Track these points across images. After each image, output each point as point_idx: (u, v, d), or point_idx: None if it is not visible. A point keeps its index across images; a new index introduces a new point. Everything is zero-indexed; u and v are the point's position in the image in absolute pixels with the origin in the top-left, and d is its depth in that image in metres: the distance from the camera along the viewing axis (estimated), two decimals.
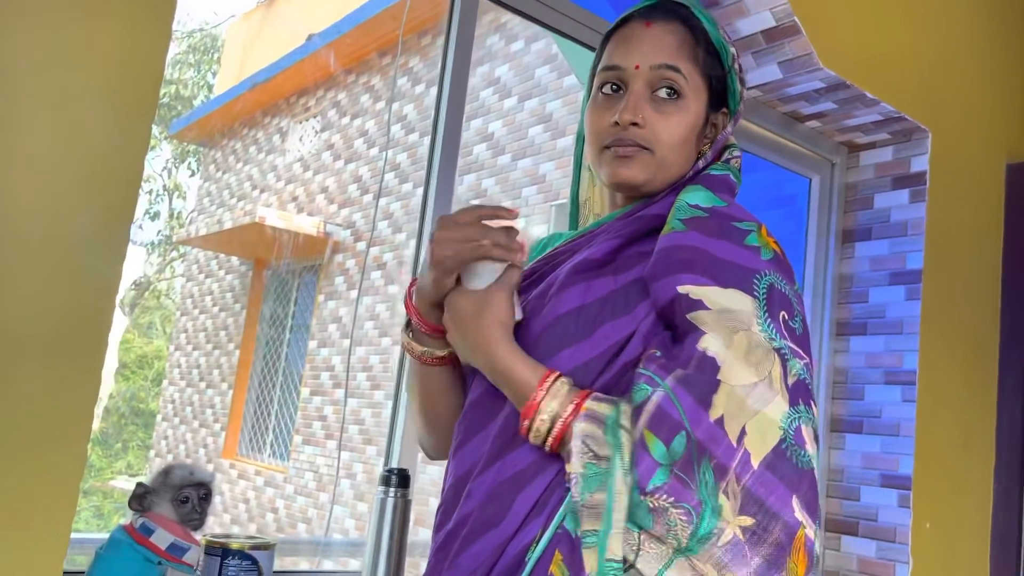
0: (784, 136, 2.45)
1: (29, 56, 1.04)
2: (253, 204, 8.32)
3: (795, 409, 0.81)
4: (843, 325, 2.52)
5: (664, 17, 0.98)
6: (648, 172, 0.95)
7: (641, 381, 0.82)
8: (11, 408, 1.01)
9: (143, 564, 1.04)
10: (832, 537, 2.42)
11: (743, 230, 0.88)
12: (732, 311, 0.83)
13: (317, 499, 6.40)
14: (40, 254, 1.04)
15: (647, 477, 0.77)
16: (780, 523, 0.77)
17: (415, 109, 6.40)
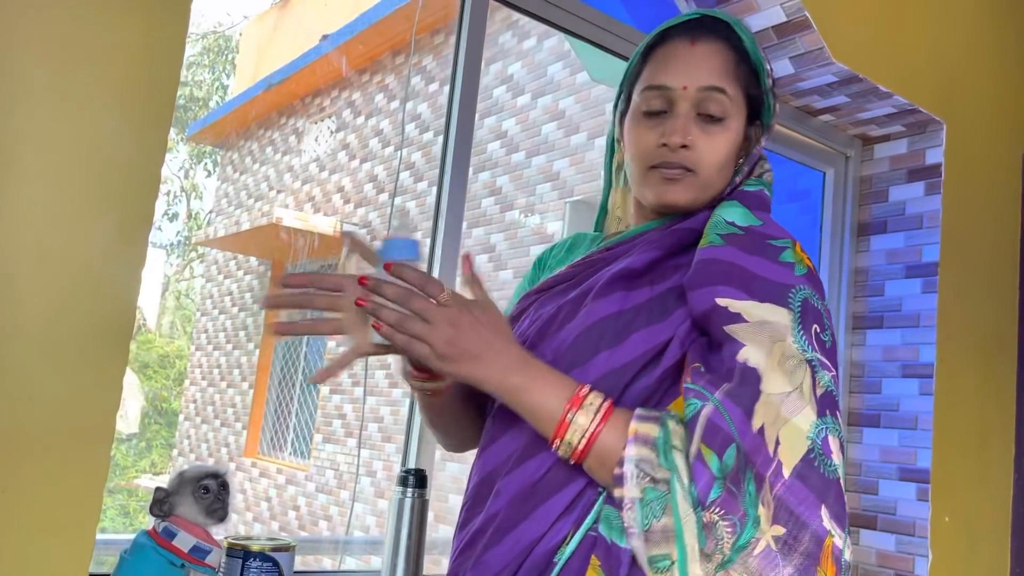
0: (797, 130, 2.45)
1: (47, 67, 1.06)
2: (270, 205, 8.38)
3: (823, 420, 0.82)
4: (859, 319, 2.51)
5: (709, 36, 0.97)
6: (692, 193, 0.96)
7: (691, 396, 0.82)
8: (36, 413, 1.03)
9: (166, 567, 1.06)
10: (851, 531, 2.41)
11: (778, 247, 0.90)
12: (770, 323, 0.84)
13: (338, 497, 6.45)
14: (61, 262, 1.06)
15: (707, 492, 0.78)
16: (809, 532, 0.78)
17: (429, 108, 6.42)
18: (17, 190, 1.03)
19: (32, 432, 1.03)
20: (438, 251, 1.74)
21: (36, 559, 1.03)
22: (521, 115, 5.51)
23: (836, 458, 0.81)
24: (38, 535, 1.03)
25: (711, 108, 0.94)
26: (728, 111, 0.95)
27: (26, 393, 1.02)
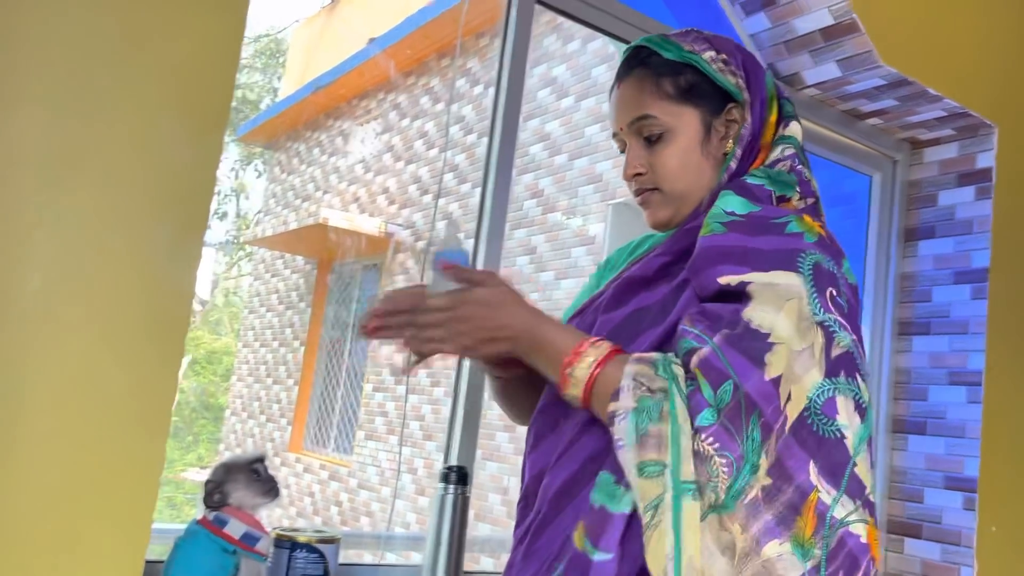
0: (844, 134, 2.42)
1: (111, 75, 1.11)
2: (317, 205, 8.50)
3: (831, 380, 0.82)
4: (905, 325, 2.48)
5: (627, 72, 1.04)
6: (667, 208, 1.03)
7: (688, 337, 0.84)
8: (96, 406, 1.08)
9: (219, 553, 1.10)
10: (895, 539, 2.39)
11: (781, 223, 0.91)
12: (779, 284, 0.85)
13: (379, 493, 6.52)
14: (123, 261, 1.11)
15: (697, 411, 0.80)
16: (794, 486, 0.79)
17: (473, 110, 6.46)
18: (82, 193, 1.08)
19: (94, 422, 1.08)
20: (481, 252, 1.77)
21: (96, 545, 1.07)
22: (564, 117, 5.52)
23: (842, 418, 0.82)
24: (98, 522, 1.07)
25: (646, 132, 1.02)
26: (665, 125, 1.01)
27: (90, 385, 1.07)
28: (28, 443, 1.04)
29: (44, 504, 1.04)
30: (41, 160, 1.06)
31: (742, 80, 1.03)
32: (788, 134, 1.05)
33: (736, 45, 1.07)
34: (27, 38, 1.05)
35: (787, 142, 1.04)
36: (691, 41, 1.03)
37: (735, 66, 1.03)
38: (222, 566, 1.11)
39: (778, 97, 1.07)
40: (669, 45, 1.03)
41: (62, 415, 1.06)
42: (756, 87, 1.04)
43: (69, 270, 1.07)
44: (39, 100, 1.06)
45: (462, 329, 0.92)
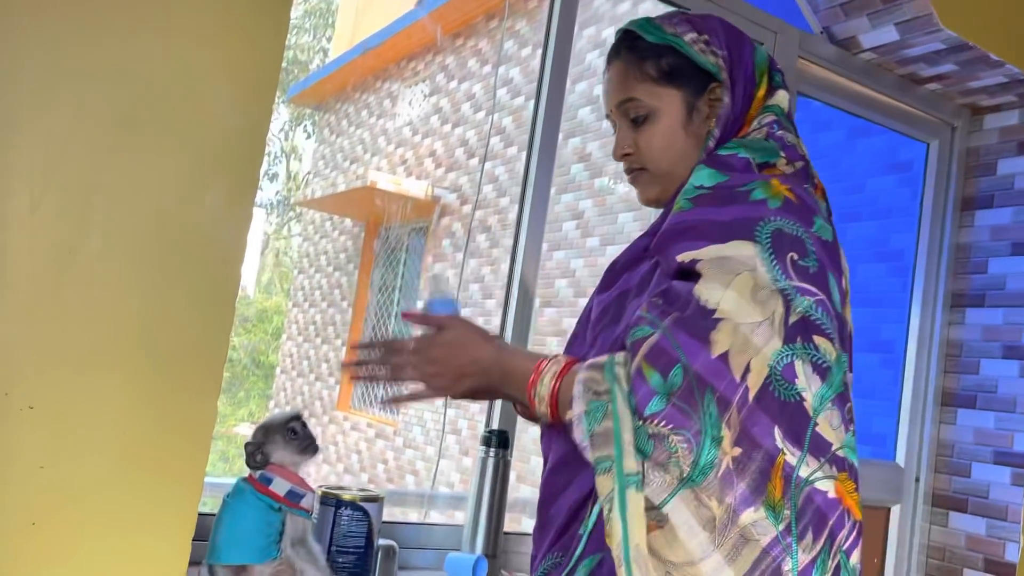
0: (900, 99, 2.36)
1: (164, 43, 1.13)
2: (365, 167, 8.56)
3: (790, 347, 0.85)
4: (959, 296, 2.43)
5: (614, 57, 1.08)
6: (654, 185, 1.07)
7: (643, 323, 0.88)
8: (152, 365, 1.12)
9: (265, 510, 1.14)
10: (939, 513, 2.36)
11: (746, 191, 0.93)
12: (729, 257, 0.87)
13: (424, 452, 6.64)
14: (176, 226, 1.14)
15: (644, 403, 0.84)
16: (762, 452, 0.83)
17: (521, 72, 6.41)
18: (138, 159, 1.12)
19: (148, 382, 1.12)
20: (526, 216, 1.77)
21: (152, 500, 1.12)
22: None
23: (801, 382, 0.85)
24: (153, 477, 1.12)
25: (631, 114, 1.06)
26: (648, 107, 1.04)
27: (144, 345, 1.11)
28: (87, 402, 1.08)
29: (102, 460, 1.09)
30: (99, 128, 1.09)
31: (723, 60, 1.04)
32: (771, 103, 1.06)
33: (722, 24, 1.07)
34: (84, 12, 1.08)
35: (768, 111, 1.05)
36: (674, 23, 1.05)
37: (717, 46, 1.04)
38: (268, 523, 1.15)
39: (770, 70, 1.08)
40: (652, 28, 1.05)
41: (119, 375, 1.10)
42: (739, 65, 1.05)
43: (126, 233, 1.11)
44: (96, 71, 1.09)
45: (434, 371, 1.00)
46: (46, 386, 1.06)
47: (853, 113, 2.36)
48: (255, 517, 1.14)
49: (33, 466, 1.05)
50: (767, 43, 2.10)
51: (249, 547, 1.13)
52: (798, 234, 0.90)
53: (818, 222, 0.93)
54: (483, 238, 6.53)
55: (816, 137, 3.05)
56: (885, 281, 2.69)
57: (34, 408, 1.05)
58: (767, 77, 1.07)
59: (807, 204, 0.93)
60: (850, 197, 2.87)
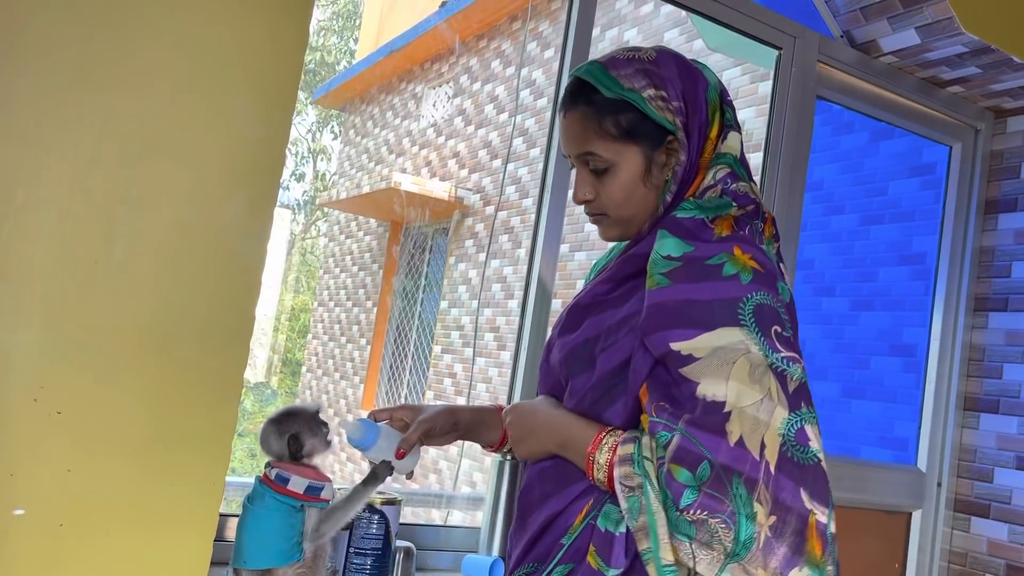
0: (923, 102, 2.35)
1: (187, 56, 1.16)
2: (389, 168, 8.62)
3: (796, 413, 0.92)
4: (982, 300, 2.41)
5: (571, 105, 1.09)
6: (616, 228, 1.11)
7: (659, 429, 0.94)
8: (173, 372, 1.15)
9: (286, 512, 1.16)
10: (961, 518, 2.35)
11: (716, 265, 0.98)
12: (723, 347, 0.93)
13: (447, 451, 6.68)
14: (198, 236, 1.17)
15: (678, 497, 0.90)
16: (794, 515, 0.89)
17: (544, 74, 6.43)
18: (161, 170, 1.15)
19: (171, 388, 1.15)
20: (544, 217, 1.79)
21: (174, 502, 1.16)
22: None
23: (814, 444, 0.92)
24: (176, 481, 1.16)
25: (592, 166, 1.08)
26: (608, 161, 1.06)
27: (167, 351, 1.15)
28: (112, 408, 1.12)
29: (127, 464, 1.13)
30: (124, 140, 1.13)
31: (680, 117, 1.06)
32: (724, 151, 1.08)
33: (677, 66, 1.08)
34: (105, 28, 1.11)
35: (721, 162, 1.07)
36: (630, 76, 1.06)
37: (673, 98, 1.06)
38: (291, 524, 1.16)
39: (721, 106, 1.09)
40: (608, 82, 1.06)
41: (143, 381, 1.14)
42: (694, 114, 1.07)
43: (150, 244, 1.14)
44: (121, 86, 1.12)
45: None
46: (73, 392, 1.09)
47: (874, 117, 2.35)
48: (277, 520, 1.16)
49: (61, 470, 1.09)
50: (786, 48, 2.10)
51: (273, 551, 1.15)
52: (773, 305, 0.97)
53: (781, 286, 1.00)
54: (506, 238, 6.55)
55: (838, 139, 3.04)
56: (907, 284, 2.67)
57: (61, 413, 1.09)
58: (719, 114, 1.09)
59: (770, 270, 0.99)
60: (873, 199, 2.86)
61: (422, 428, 1.17)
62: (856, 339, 2.83)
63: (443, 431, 1.19)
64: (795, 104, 2.12)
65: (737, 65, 4.38)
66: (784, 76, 2.12)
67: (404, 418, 1.19)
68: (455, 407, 1.22)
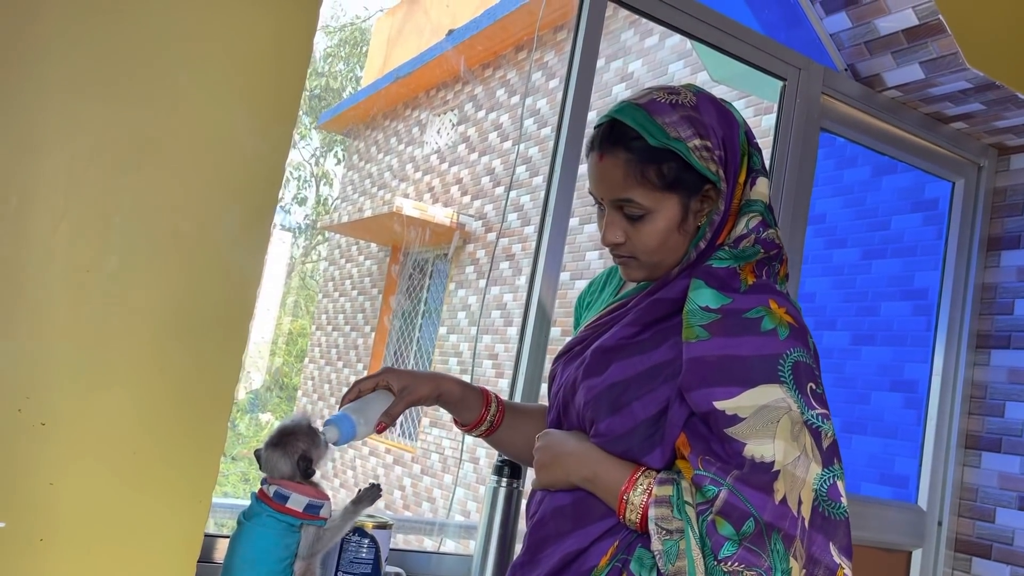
0: (926, 138, 2.35)
1: (188, 68, 1.16)
2: (392, 193, 8.63)
3: (829, 469, 0.96)
4: (984, 337, 2.39)
5: (609, 148, 1.06)
6: (644, 271, 1.10)
7: (706, 483, 0.95)
8: (162, 386, 1.13)
9: (283, 531, 1.13)
10: (962, 559, 2.31)
11: (755, 319, 0.99)
12: (767, 406, 0.95)
13: (441, 480, 6.61)
14: (194, 248, 1.16)
15: (718, 548, 0.92)
16: (823, 567, 0.93)
17: (548, 104, 6.46)
18: (158, 181, 1.14)
19: (160, 402, 1.13)
20: (544, 244, 1.78)
21: (160, 519, 1.13)
22: None
23: (844, 500, 0.96)
24: (162, 497, 1.13)
25: (627, 211, 1.06)
26: (645, 208, 1.04)
27: (158, 365, 1.13)
28: (99, 420, 1.10)
29: (112, 479, 1.10)
30: (121, 150, 1.12)
31: (721, 167, 1.05)
32: (754, 197, 1.08)
33: (716, 115, 1.06)
34: (107, 36, 1.11)
35: (753, 210, 1.07)
36: (676, 124, 1.03)
37: (715, 147, 1.05)
38: (286, 545, 1.13)
39: (748, 151, 1.09)
40: (654, 129, 1.03)
41: (131, 394, 1.11)
42: (732, 162, 1.06)
43: (143, 254, 1.12)
44: (120, 94, 1.12)
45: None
46: (58, 403, 1.07)
47: (877, 151, 2.35)
48: (273, 540, 1.12)
49: (43, 483, 1.06)
50: (791, 79, 2.10)
51: (265, 570, 1.12)
52: (808, 362, 0.99)
53: (810, 339, 1.02)
54: (506, 265, 6.54)
55: (841, 173, 3.04)
56: (909, 320, 2.66)
57: (46, 425, 1.06)
58: (747, 158, 1.08)
59: (802, 325, 1.01)
60: (875, 234, 2.85)
61: (406, 401, 1.16)
62: (857, 374, 2.80)
63: (426, 403, 1.20)
64: (799, 135, 2.11)
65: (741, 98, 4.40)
66: (788, 107, 2.12)
67: (390, 384, 1.17)
68: (441, 376, 1.21)
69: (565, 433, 1.12)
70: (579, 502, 1.06)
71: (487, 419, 1.25)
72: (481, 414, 1.24)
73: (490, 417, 1.25)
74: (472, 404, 1.24)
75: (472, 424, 1.25)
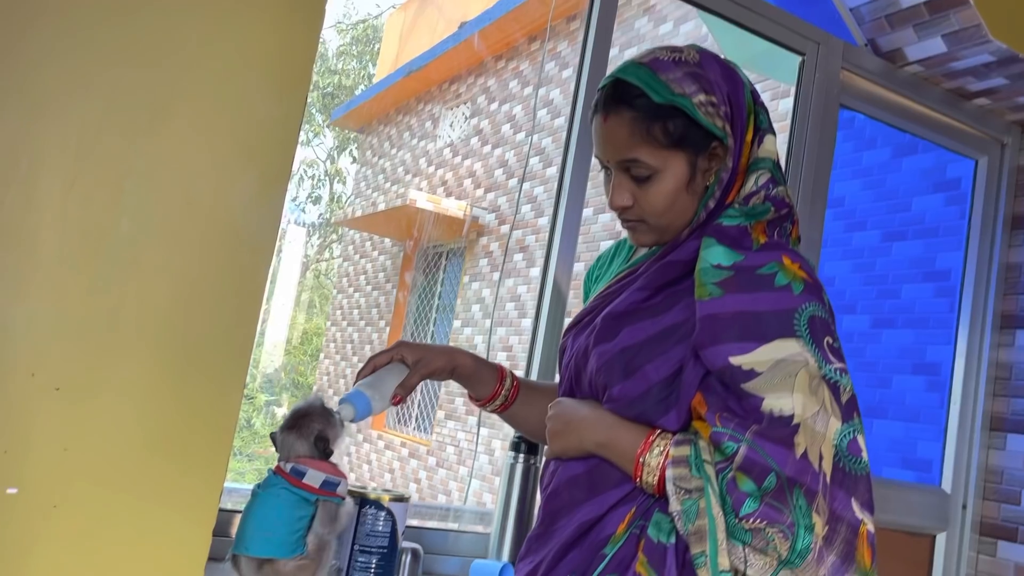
0: (948, 114, 2.30)
1: (199, 29, 1.14)
2: (405, 188, 8.63)
3: (849, 424, 0.94)
4: (1008, 318, 2.34)
5: (614, 107, 1.04)
6: (653, 235, 1.08)
7: (725, 439, 0.93)
8: (178, 350, 1.12)
9: (298, 504, 1.11)
10: (987, 542, 2.27)
11: (768, 275, 0.97)
12: (783, 360, 0.93)
13: (457, 472, 6.60)
14: (207, 212, 1.14)
15: (739, 505, 0.91)
16: (845, 524, 0.92)
17: (561, 93, 6.43)
18: (170, 144, 1.12)
19: (174, 368, 1.12)
20: (558, 234, 1.76)
21: (174, 485, 1.11)
22: None
23: (865, 455, 0.95)
24: (177, 463, 1.12)
25: (634, 172, 1.04)
26: (652, 167, 1.03)
27: (171, 328, 1.11)
28: (113, 386, 1.08)
29: (126, 445, 1.09)
30: (132, 112, 1.10)
31: (728, 122, 1.03)
32: (762, 155, 1.06)
33: (720, 71, 1.04)
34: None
35: (761, 167, 1.05)
36: (679, 80, 1.01)
37: (720, 103, 1.03)
38: (299, 517, 1.12)
39: (754, 109, 1.07)
40: (657, 86, 1.01)
41: (145, 359, 1.10)
42: (738, 119, 1.04)
43: (155, 218, 1.11)
44: (131, 55, 1.10)
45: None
46: (72, 368, 1.06)
47: (898, 127, 2.31)
48: (287, 512, 1.11)
49: (57, 448, 1.05)
50: (809, 55, 2.07)
51: (278, 540, 1.10)
52: (824, 317, 0.97)
53: (825, 297, 1.00)
54: (520, 257, 6.52)
55: (860, 155, 2.99)
56: (931, 302, 2.61)
57: (60, 390, 1.05)
58: (753, 116, 1.06)
59: (816, 281, 1.00)
60: (895, 215, 2.81)
61: (420, 373, 1.16)
62: (878, 358, 2.76)
63: (440, 376, 1.20)
64: (818, 112, 2.08)
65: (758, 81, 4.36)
66: (807, 84, 2.08)
67: (404, 357, 1.17)
68: (456, 350, 1.21)
69: (577, 401, 1.10)
70: (593, 470, 1.03)
71: (501, 394, 1.23)
72: (495, 389, 1.23)
73: (504, 392, 1.24)
74: (486, 378, 1.23)
75: (486, 399, 1.23)
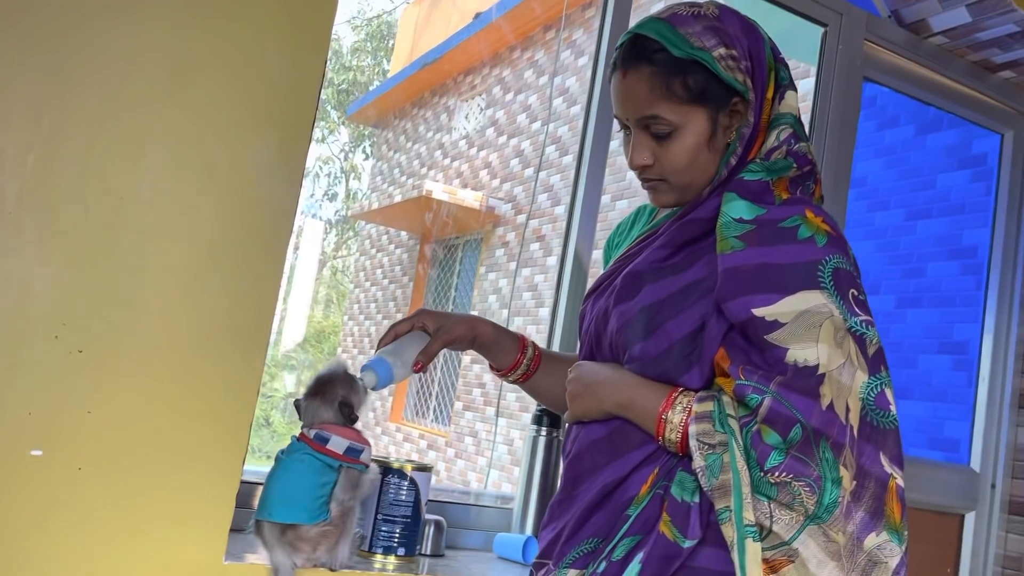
0: (973, 87, 2.27)
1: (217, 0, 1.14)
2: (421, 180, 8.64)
3: (876, 377, 0.91)
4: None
5: (633, 63, 1.02)
6: (674, 194, 1.06)
7: (749, 392, 0.91)
8: (199, 313, 1.11)
9: (321, 470, 1.11)
10: (1016, 521, 2.23)
11: (791, 227, 0.96)
12: (808, 311, 0.92)
13: (475, 463, 6.60)
14: (227, 176, 1.13)
15: (764, 458, 0.89)
16: (873, 478, 0.89)
17: (577, 82, 6.41)
18: (190, 107, 1.11)
19: (197, 332, 1.11)
20: (575, 224, 1.75)
21: (197, 451, 1.11)
22: None
23: (893, 408, 0.92)
24: (199, 429, 1.11)
25: (654, 129, 1.02)
26: (673, 124, 1.01)
27: (193, 290, 1.11)
28: (136, 350, 1.08)
29: (149, 409, 1.08)
30: (152, 75, 1.10)
31: (748, 77, 1.02)
32: (783, 111, 1.04)
33: (741, 26, 1.03)
34: None
35: (783, 122, 1.04)
36: (699, 34, 1.00)
37: (741, 57, 1.01)
38: (323, 483, 1.11)
39: (775, 66, 1.05)
40: (677, 39, 1.00)
41: (167, 323, 1.10)
42: (759, 73, 1.03)
43: (176, 182, 1.10)
44: (149, 18, 1.10)
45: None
46: (95, 331, 1.05)
47: (922, 100, 2.27)
48: (310, 477, 1.11)
49: (81, 411, 1.05)
50: (832, 26, 2.04)
51: (301, 506, 1.10)
52: (848, 269, 0.96)
53: (850, 251, 0.98)
54: (536, 246, 6.50)
55: (883, 134, 2.95)
56: (958, 280, 2.57)
57: (83, 352, 1.05)
58: (773, 72, 1.05)
59: (840, 235, 0.98)
60: (919, 194, 2.77)
61: (442, 340, 1.14)
62: (903, 338, 2.73)
63: (461, 344, 1.17)
64: (841, 85, 2.05)
65: None
66: (830, 55, 2.05)
67: (425, 324, 1.15)
68: (477, 319, 1.18)
69: (597, 363, 1.08)
70: (615, 432, 1.01)
71: (523, 363, 1.21)
72: (517, 358, 1.21)
73: (526, 361, 1.21)
74: (508, 347, 1.21)
75: (507, 368, 1.21)
